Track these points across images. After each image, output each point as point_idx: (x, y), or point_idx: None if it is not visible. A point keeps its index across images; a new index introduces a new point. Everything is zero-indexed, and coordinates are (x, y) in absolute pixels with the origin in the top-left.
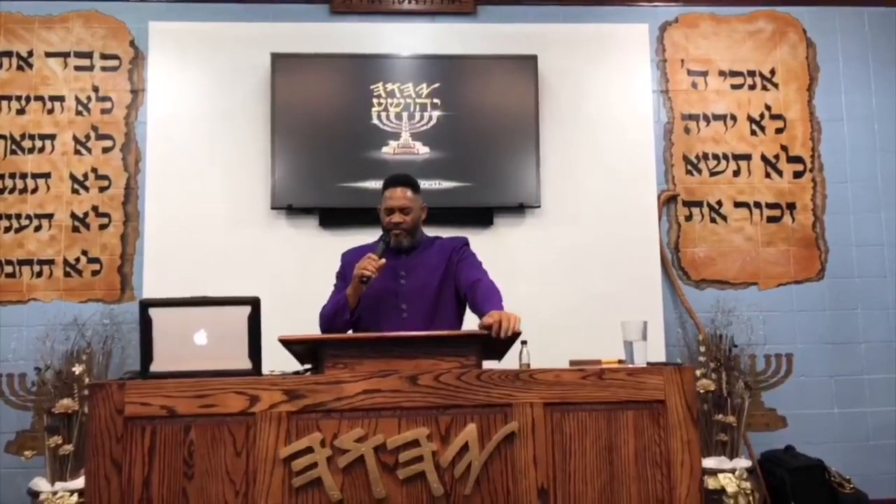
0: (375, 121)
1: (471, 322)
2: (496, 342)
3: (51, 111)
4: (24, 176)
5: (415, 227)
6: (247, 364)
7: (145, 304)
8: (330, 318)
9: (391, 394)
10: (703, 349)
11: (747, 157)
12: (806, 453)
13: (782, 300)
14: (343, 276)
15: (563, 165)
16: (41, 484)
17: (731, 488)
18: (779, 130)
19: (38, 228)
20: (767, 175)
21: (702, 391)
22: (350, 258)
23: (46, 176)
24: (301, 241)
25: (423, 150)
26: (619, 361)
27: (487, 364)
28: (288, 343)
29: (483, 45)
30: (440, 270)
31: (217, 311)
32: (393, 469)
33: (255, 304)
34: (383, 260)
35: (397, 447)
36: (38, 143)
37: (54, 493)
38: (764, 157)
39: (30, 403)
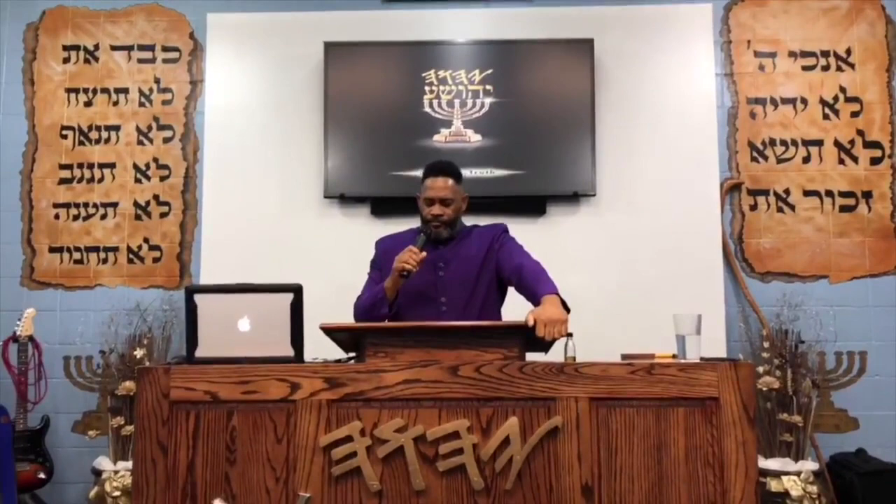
0: (427, 108)
1: (512, 311)
2: (541, 338)
3: (116, 103)
4: (91, 166)
5: (455, 219)
6: (289, 351)
7: (191, 291)
8: (367, 310)
9: (432, 384)
10: (766, 345)
11: (818, 143)
12: (879, 457)
13: (856, 294)
14: (378, 264)
15: (620, 152)
16: (104, 463)
17: (795, 492)
18: (854, 114)
19: (103, 217)
20: (841, 161)
21: (765, 389)
22: (385, 246)
23: (111, 166)
24: (353, 230)
25: (474, 138)
26: (674, 356)
27: (532, 356)
28: (330, 331)
29: (537, 29)
30: (479, 260)
31: (260, 298)
32: (433, 461)
33: (297, 291)
34: (424, 253)
35: (437, 439)
36: (105, 134)
37: (116, 472)
38: (837, 143)
39: (95, 385)
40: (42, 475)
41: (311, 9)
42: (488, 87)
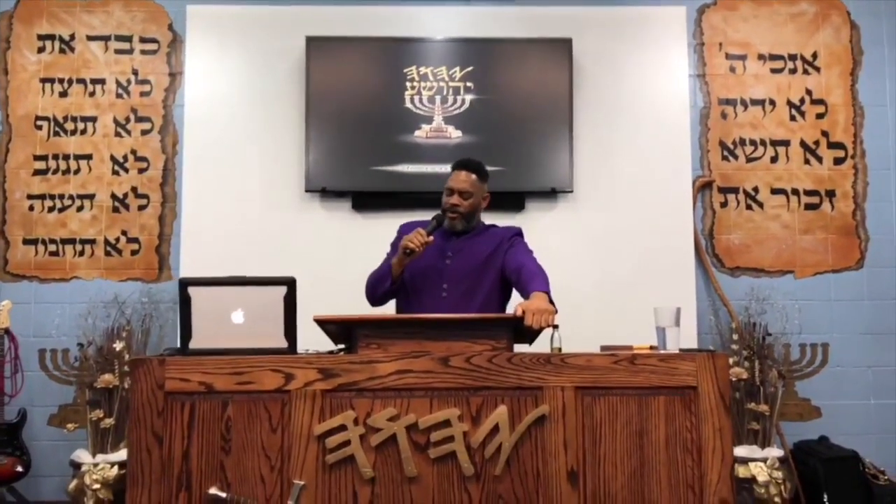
0: (409, 104)
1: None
2: (528, 327)
3: (92, 94)
4: (66, 157)
5: (471, 213)
6: (283, 343)
7: (185, 283)
8: (373, 283)
9: (423, 374)
10: (735, 337)
11: (786, 143)
12: (840, 444)
13: (819, 289)
14: (396, 246)
15: (597, 150)
16: (83, 456)
17: (762, 477)
18: (819, 116)
19: (80, 208)
20: (806, 161)
21: (734, 379)
22: (406, 230)
23: (88, 157)
24: (334, 224)
25: (455, 134)
26: (651, 348)
27: (519, 348)
28: (322, 322)
29: (517, 28)
30: (485, 255)
31: (254, 290)
32: (424, 448)
33: (291, 284)
34: (431, 238)
35: (429, 427)
36: (80, 125)
37: (95, 465)
38: (803, 143)
39: (72, 378)
40: (20, 468)
41: (292, 2)
42: (469, 84)
